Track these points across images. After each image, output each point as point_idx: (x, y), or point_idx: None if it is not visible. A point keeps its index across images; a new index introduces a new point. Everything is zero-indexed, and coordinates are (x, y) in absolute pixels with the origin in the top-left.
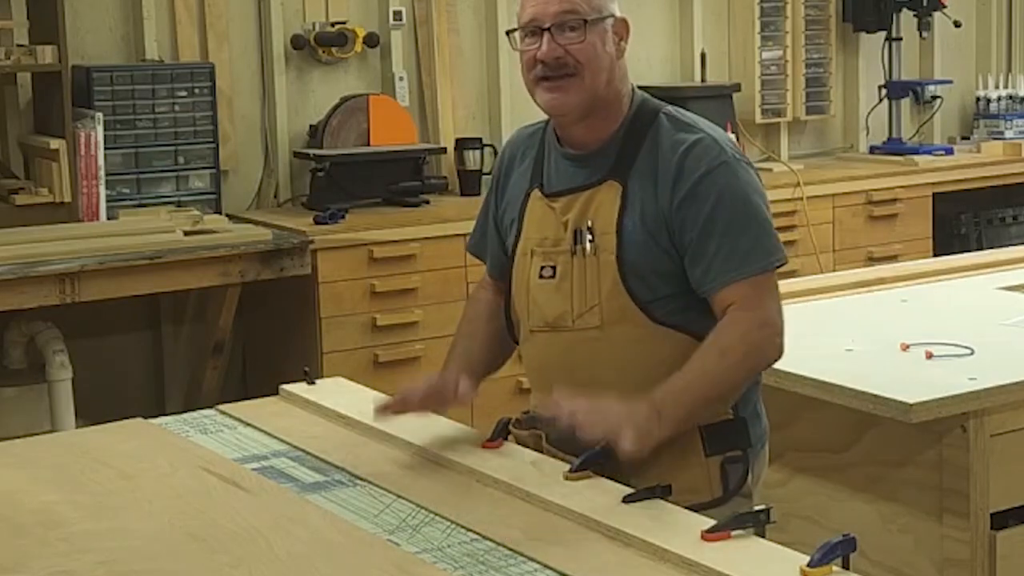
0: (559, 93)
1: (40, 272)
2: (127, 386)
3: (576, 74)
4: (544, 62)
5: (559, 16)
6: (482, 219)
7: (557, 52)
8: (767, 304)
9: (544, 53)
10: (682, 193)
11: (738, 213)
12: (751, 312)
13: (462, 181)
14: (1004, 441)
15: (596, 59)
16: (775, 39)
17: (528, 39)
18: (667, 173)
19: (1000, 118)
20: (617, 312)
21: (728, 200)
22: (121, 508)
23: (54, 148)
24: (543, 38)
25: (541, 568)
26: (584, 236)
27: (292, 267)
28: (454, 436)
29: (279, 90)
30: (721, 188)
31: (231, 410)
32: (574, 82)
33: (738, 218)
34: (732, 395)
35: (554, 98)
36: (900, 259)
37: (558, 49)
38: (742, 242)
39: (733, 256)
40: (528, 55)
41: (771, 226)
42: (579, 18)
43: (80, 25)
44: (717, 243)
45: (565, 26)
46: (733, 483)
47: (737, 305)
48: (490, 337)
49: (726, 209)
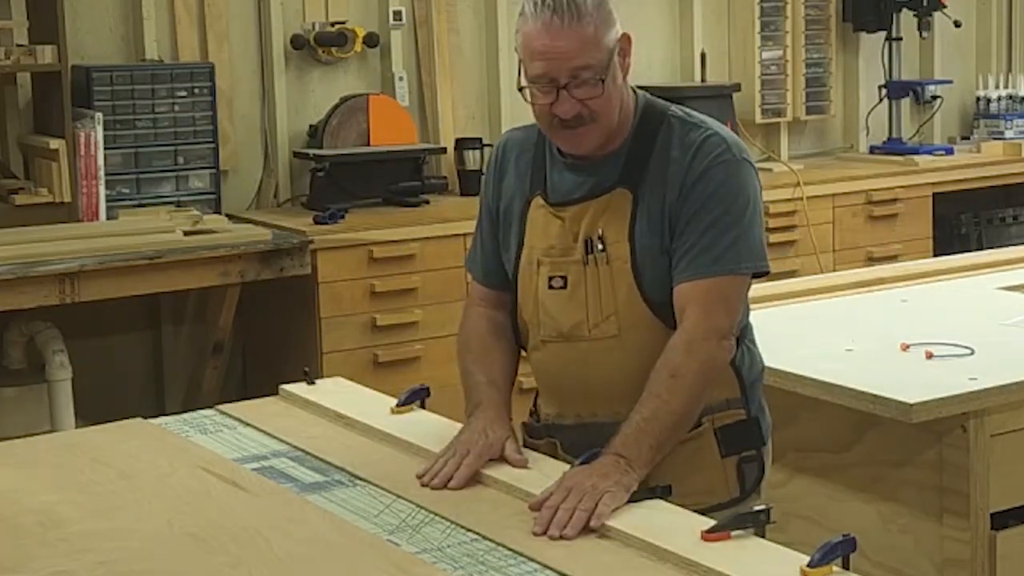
0: (577, 140)
1: (40, 272)
2: (127, 386)
3: (594, 121)
4: (562, 118)
5: (574, 72)
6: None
7: (576, 109)
8: (716, 311)
9: (564, 111)
10: (684, 188)
11: (725, 212)
12: (698, 320)
13: (462, 181)
14: (1004, 441)
15: (612, 104)
16: (775, 39)
17: (539, 90)
18: (676, 176)
19: (1000, 118)
20: (634, 320)
21: (719, 197)
22: (121, 508)
23: (54, 148)
24: (559, 95)
25: (541, 568)
26: (596, 245)
27: (292, 267)
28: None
29: (279, 90)
30: (717, 184)
31: (231, 410)
32: (592, 129)
33: (724, 217)
34: (696, 411)
35: (573, 146)
36: (900, 259)
37: (577, 106)
38: (720, 241)
39: (706, 253)
40: (543, 105)
41: (758, 231)
42: (595, 75)
43: (80, 25)
44: (696, 238)
45: (580, 81)
46: (750, 482)
47: (689, 310)
48: (504, 357)
49: (715, 205)
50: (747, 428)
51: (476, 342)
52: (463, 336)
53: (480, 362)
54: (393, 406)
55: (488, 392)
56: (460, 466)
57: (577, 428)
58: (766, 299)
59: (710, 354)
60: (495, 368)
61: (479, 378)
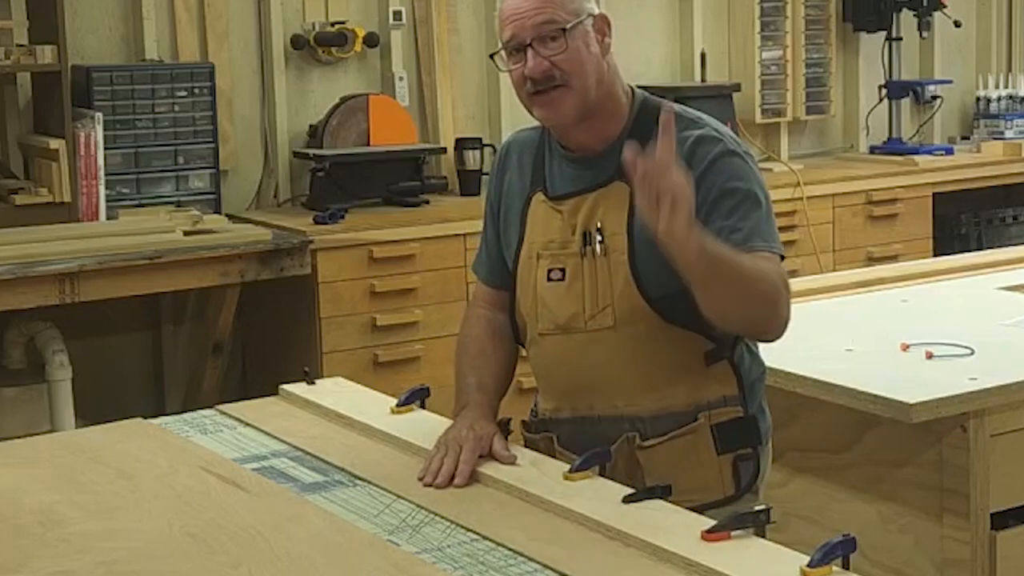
0: (553, 106)
1: (40, 272)
2: (127, 386)
3: (565, 84)
4: (532, 78)
5: (537, 29)
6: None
7: (543, 66)
8: (784, 275)
9: (531, 69)
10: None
11: (740, 200)
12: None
13: (462, 181)
14: (1004, 441)
15: (582, 64)
16: (775, 39)
17: (513, 57)
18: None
19: (1000, 118)
20: (630, 312)
21: (731, 189)
22: (121, 508)
23: (54, 148)
24: (527, 54)
25: (541, 568)
26: (594, 238)
27: (292, 267)
28: None
29: (279, 90)
30: (726, 177)
31: (231, 410)
32: (565, 92)
33: (745, 203)
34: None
35: (549, 112)
36: (900, 259)
37: (543, 63)
38: (745, 225)
39: (737, 232)
40: (516, 74)
41: (772, 218)
42: (557, 27)
43: (80, 25)
44: (719, 226)
45: (546, 38)
46: (745, 480)
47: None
48: (498, 362)
49: (729, 197)
50: (744, 426)
51: (473, 345)
52: (461, 339)
53: (473, 366)
54: (393, 406)
55: (475, 396)
56: (458, 462)
57: (574, 422)
58: None
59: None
60: (486, 373)
61: (469, 381)
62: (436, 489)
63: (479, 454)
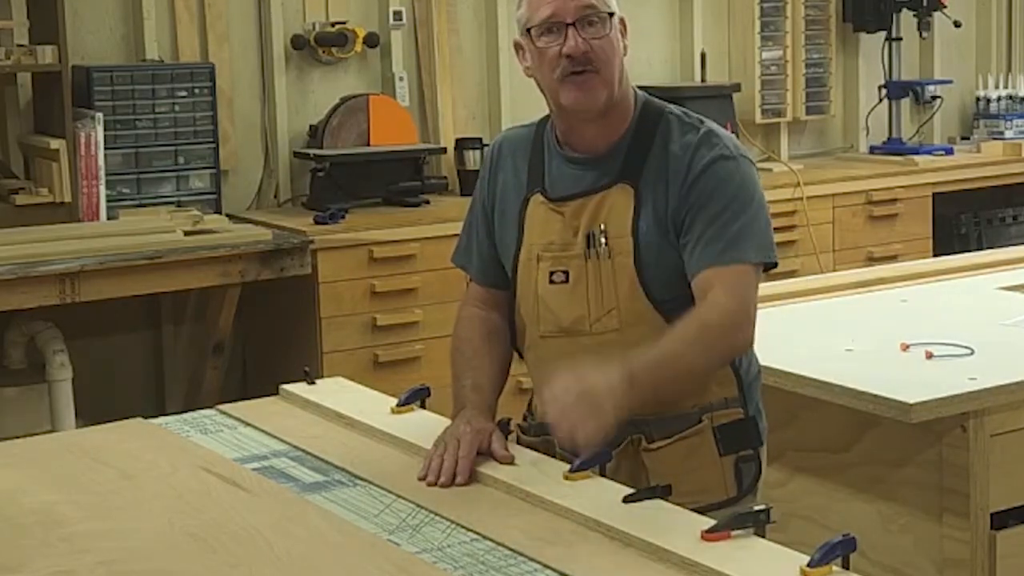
0: (587, 87)
1: (40, 272)
2: (127, 386)
3: (598, 71)
4: (572, 55)
5: (580, 11)
6: (468, 229)
7: (584, 47)
8: (746, 294)
9: (573, 48)
10: (687, 186)
11: (732, 203)
12: (731, 298)
13: (462, 181)
14: (1004, 441)
15: (615, 55)
16: (775, 39)
17: (546, 36)
18: (678, 173)
19: (1000, 118)
20: (635, 314)
21: (725, 190)
22: (121, 508)
23: (54, 148)
24: (567, 33)
25: (541, 568)
26: (598, 240)
27: (292, 267)
28: None
29: (279, 90)
30: (721, 179)
31: (231, 410)
32: (597, 79)
33: (732, 206)
34: (701, 375)
35: (582, 95)
36: (900, 259)
37: (584, 44)
38: (731, 229)
39: (719, 240)
40: (551, 52)
41: (765, 224)
42: (600, 12)
43: (80, 25)
44: (707, 228)
45: (586, 20)
46: (747, 482)
47: (717, 290)
48: (494, 362)
49: (722, 198)
50: (745, 427)
51: (467, 347)
52: (455, 340)
53: (469, 366)
54: (393, 406)
55: (472, 397)
56: (458, 460)
57: None
58: (766, 299)
59: (740, 326)
60: (482, 374)
61: (465, 383)
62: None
63: (478, 449)
